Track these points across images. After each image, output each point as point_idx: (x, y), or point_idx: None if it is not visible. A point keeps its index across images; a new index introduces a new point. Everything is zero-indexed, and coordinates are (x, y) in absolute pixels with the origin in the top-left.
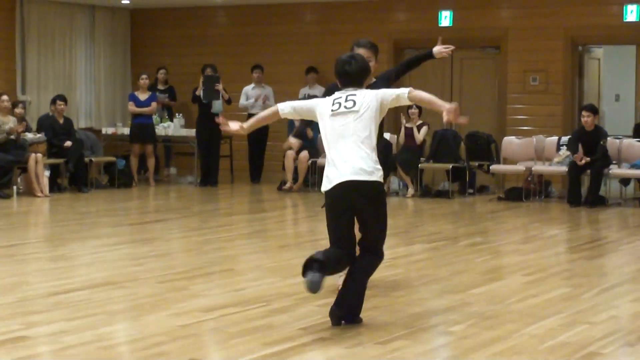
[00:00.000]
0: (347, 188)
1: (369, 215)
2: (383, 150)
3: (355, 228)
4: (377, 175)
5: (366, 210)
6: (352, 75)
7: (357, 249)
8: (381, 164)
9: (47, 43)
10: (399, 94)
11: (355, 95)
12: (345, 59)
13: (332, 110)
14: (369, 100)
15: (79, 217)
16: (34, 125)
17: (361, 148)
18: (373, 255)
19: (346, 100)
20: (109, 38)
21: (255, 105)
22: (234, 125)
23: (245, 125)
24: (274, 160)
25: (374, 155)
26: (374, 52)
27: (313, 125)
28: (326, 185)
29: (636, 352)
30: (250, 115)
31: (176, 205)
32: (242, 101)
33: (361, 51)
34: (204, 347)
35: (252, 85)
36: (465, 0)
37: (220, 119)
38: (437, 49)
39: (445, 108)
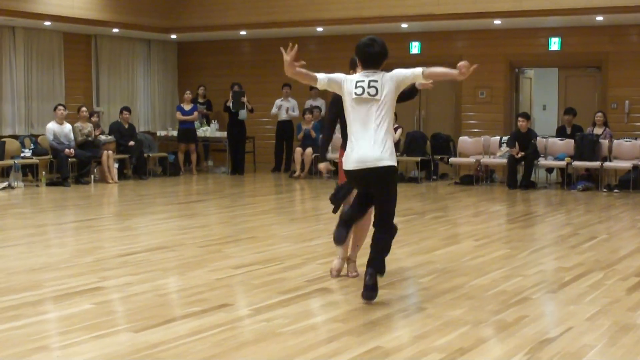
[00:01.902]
0: (362, 173)
1: (381, 195)
2: None
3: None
4: (391, 159)
5: (379, 191)
6: (374, 57)
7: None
8: None
9: (115, 68)
10: (415, 74)
11: (376, 81)
12: (367, 42)
13: (355, 94)
14: (388, 86)
15: (140, 198)
16: (106, 129)
17: (380, 135)
18: (386, 233)
19: (369, 86)
20: (161, 64)
21: (281, 114)
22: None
23: (297, 63)
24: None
25: (389, 141)
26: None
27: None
28: (345, 165)
29: (557, 297)
30: (279, 122)
31: (212, 189)
32: (273, 110)
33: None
34: (234, 295)
35: (282, 98)
36: (430, 34)
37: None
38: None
39: (457, 72)
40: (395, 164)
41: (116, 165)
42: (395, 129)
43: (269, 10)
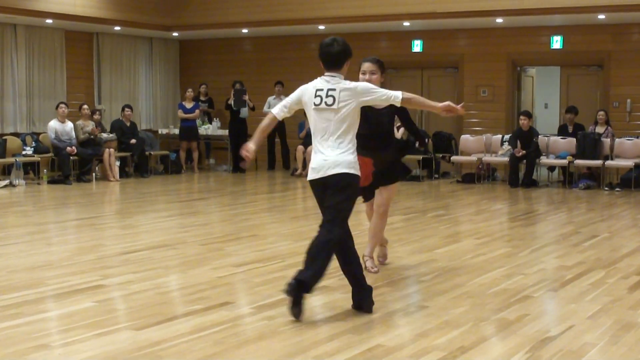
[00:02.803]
0: (322, 183)
1: (335, 199)
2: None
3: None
4: (348, 167)
5: (332, 197)
6: (334, 57)
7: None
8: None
9: (116, 65)
10: (391, 98)
11: (334, 90)
12: (328, 42)
13: (314, 104)
14: (346, 99)
15: (142, 196)
16: (107, 127)
17: (339, 145)
18: (332, 227)
19: (327, 96)
20: (163, 61)
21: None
22: (247, 152)
23: (253, 144)
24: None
25: (350, 149)
26: (379, 66)
27: None
28: (309, 175)
29: (558, 296)
30: None
31: (214, 187)
32: (265, 108)
33: (367, 65)
34: (236, 293)
35: (274, 96)
36: (432, 32)
37: (244, 153)
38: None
39: (439, 107)
40: (354, 172)
41: (118, 163)
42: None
43: (271, 8)
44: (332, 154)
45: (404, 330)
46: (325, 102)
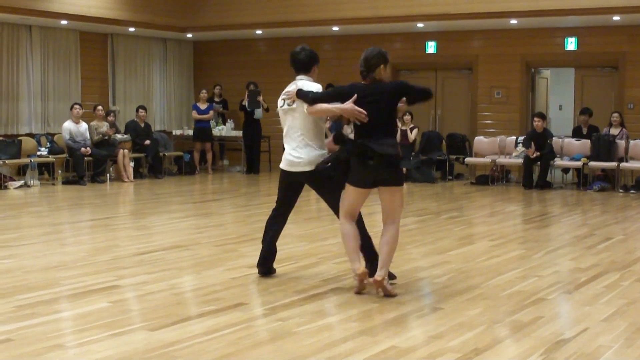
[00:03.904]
0: (293, 175)
1: (319, 192)
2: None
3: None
4: (315, 163)
5: (321, 194)
6: (302, 63)
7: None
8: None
9: (131, 67)
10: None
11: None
12: (297, 51)
13: (279, 106)
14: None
15: (156, 197)
16: (122, 128)
17: (305, 142)
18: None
19: (288, 97)
20: (177, 63)
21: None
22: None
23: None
24: None
25: (316, 144)
26: (381, 58)
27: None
28: (282, 164)
29: (573, 298)
30: None
31: (228, 188)
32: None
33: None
34: (250, 294)
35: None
36: (446, 33)
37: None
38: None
39: (342, 109)
40: (312, 168)
41: (132, 164)
42: (412, 129)
43: (285, 9)
44: (301, 152)
45: (418, 331)
46: (287, 104)
